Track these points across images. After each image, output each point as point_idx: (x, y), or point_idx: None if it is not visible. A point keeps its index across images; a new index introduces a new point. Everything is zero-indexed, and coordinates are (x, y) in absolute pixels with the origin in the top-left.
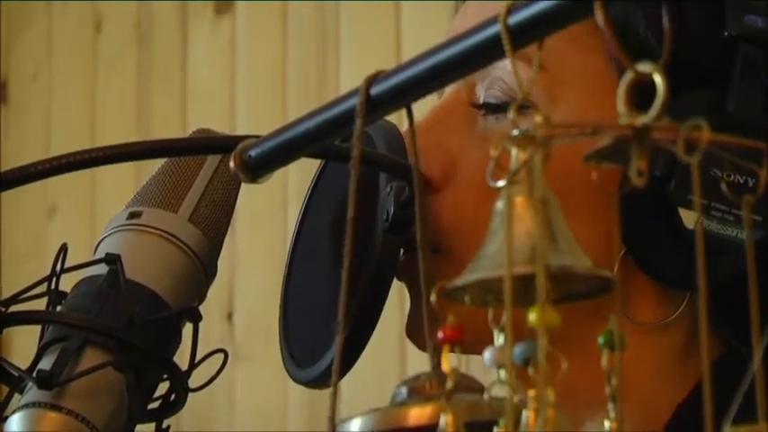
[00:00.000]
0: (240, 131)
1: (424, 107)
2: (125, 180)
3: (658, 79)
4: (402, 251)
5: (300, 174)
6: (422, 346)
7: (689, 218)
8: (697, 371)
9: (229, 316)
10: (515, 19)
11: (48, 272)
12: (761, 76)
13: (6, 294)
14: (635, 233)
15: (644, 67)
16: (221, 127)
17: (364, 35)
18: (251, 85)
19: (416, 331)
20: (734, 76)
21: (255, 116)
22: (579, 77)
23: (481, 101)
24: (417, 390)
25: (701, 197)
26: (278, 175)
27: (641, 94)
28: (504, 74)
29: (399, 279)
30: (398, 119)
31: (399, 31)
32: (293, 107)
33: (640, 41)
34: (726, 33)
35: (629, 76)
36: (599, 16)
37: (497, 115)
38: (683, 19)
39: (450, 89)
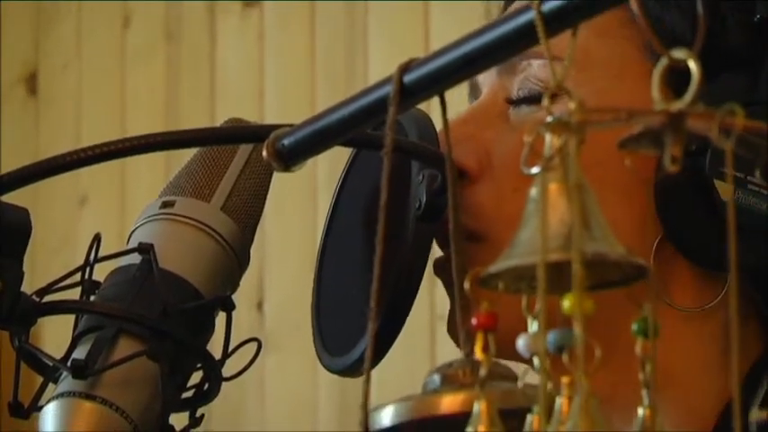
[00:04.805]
0: None
1: (455, 96)
2: (155, 170)
3: (693, 65)
4: (439, 247)
5: (330, 162)
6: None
7: (724, 191)
8: (743, 365)
9: (259, 305)
10: (549, 6)
11: (80, 262)
12: None
13: (40, 284)
14: (671, 213)
15: (678, 53)
16: (250, 120)
17: (393, 27)
18: (279, 79)
19: (457, 329)
20: (765, 60)
21: (284, 110)
22: (603, 66)
23: (515, 97)
24: (450, 377)
25: (737, 171)
26: (308, 163)
27: (676, 83)
28: (535, 71)
29: (437, 275)
30: (427, 108)
31: (428, 22)
32: (322, 101)
33: (674, 33)
34: (757, 17)
35: (663, 63)
36: (633, 2)
37: (530, 106)
38: (714, 5)
39: (485, 91)
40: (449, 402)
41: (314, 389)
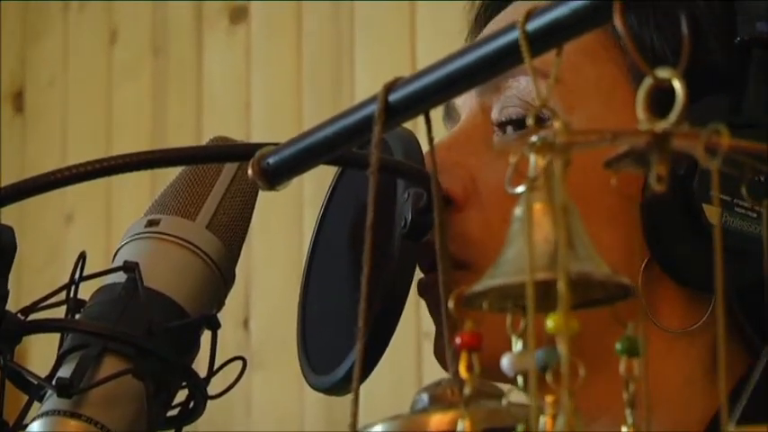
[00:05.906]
0: (256, 140)
1: (441, 116)
2: (141, 188)
3: (677, 85)
4: (422, 272)
5: (316, 180)
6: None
7: (712, 214)
8: (728, 385)
9: (245, 323)
10: (534, 25)
11: (65, 279)
12: None
13: (25, 302)
14: (658, 235)
15: (663, 72)
16: (236, 135)
17: (379, 42)
18: (266, 93)
19: (444, 352)
20: (748, 80)
21: (271, 124)
22: (593, 88)
23: (497, 121)
24: (438, 396)
25: (724, 194)
26: (294, 180)
27: (659, 104)
28: (518, 91)
29: (422, 296)
30: (413, 127)
31: (414, 39)
32: (309, 115)
33: (654, 52)
34: (738, 39)
35: (648, 82)
36: (617, 21)
37: (513, 129)
38: (696, 26)
39: (466, 114)
40: (437, 421)
41: (300, 406)
